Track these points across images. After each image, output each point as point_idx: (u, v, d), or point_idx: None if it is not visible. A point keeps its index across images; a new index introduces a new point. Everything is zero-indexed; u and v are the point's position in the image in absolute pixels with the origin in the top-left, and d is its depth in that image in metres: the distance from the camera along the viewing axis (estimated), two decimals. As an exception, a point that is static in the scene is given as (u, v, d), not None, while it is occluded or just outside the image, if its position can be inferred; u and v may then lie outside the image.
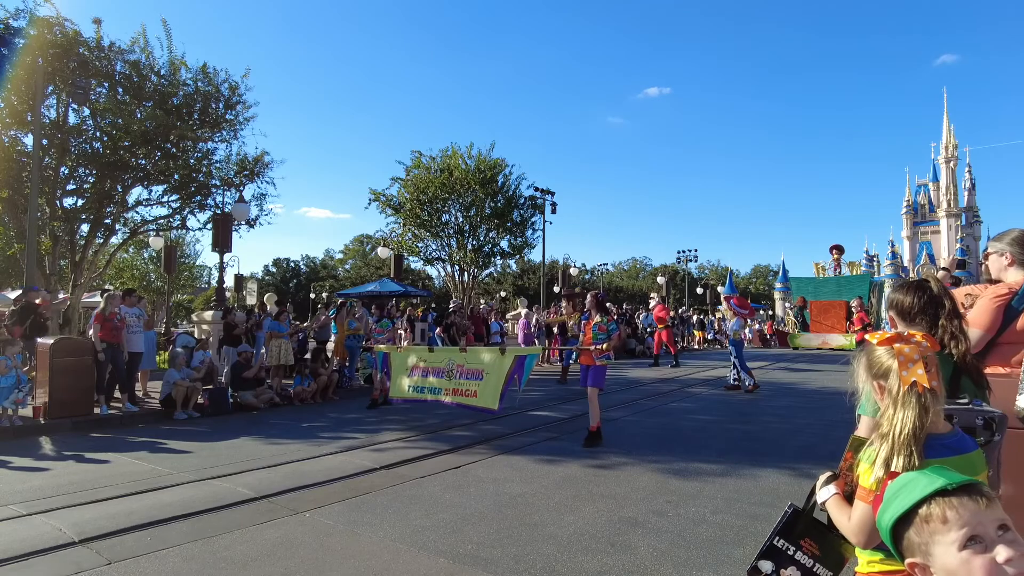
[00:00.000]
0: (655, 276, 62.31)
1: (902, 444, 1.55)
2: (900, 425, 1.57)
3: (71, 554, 4.03)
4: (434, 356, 8.60)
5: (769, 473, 5.99)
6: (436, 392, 8.23)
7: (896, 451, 1.55)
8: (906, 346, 1.65)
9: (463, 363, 8.04)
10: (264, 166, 17.91)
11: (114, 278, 31.87)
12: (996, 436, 1.94)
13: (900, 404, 1.60)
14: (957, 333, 2.09)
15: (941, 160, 58.26)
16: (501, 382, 7.40)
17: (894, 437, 1.57)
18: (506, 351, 7.69)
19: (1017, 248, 2.93)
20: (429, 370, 8.44)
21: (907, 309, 2.15)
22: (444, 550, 4.08)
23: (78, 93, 13.71)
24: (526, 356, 7.52)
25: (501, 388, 7.41)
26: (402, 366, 8.85)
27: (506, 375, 7.38)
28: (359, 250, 72.86)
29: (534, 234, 29.46)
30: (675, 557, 3.96)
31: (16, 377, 8.28)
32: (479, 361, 7.87)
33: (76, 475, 6.09)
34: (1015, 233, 2.96)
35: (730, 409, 9.52)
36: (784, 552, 2.08)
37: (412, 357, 8.84)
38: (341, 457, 6.79)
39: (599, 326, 7.51)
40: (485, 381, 7.61)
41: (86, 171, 15.51)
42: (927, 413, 1.58)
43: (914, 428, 1.56)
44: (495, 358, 7.66)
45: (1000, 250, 3.00)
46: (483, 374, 7.67)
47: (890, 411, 1.61)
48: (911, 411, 1.57)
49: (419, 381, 8.53)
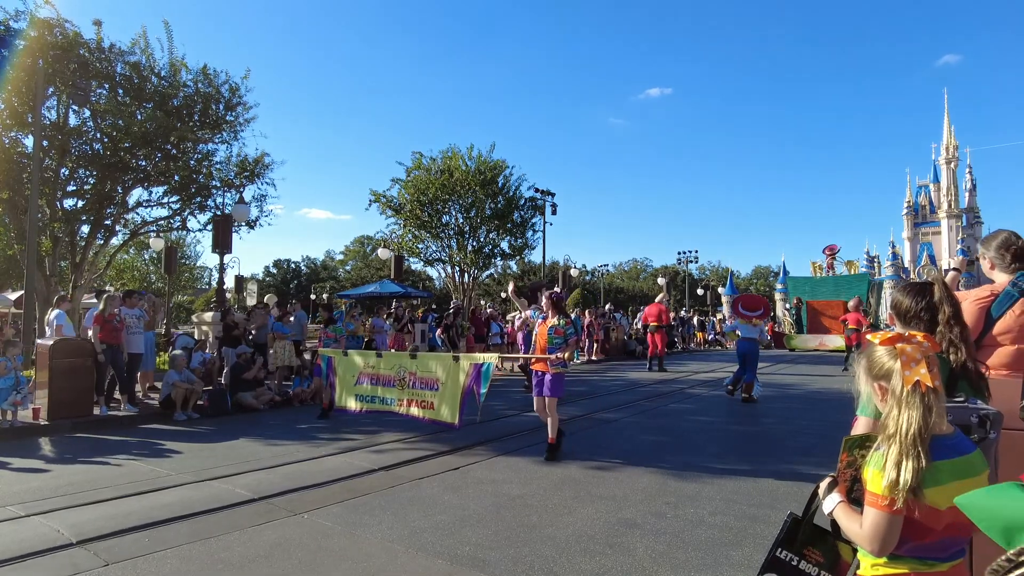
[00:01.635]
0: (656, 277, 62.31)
1: (910, 445, 1.54)
2: (906, 425, 1.56)
3: (69, 555, 4.02)
4: (383, 362, 7.88)
5: (768, 475, 5.98)
6: (389, 402, 7.61)
7: (905, 453, 1.54)
8: (908, 346, 1.64)
9: (415, 371, 7.41)
10: (264, 167, 17.90)
11: (115, 279, 31.89)
12: (991, 434, 1.93)
13: (904, 404, 1.59)
14: (956, 341, 2.07)
15: (942, 161, 58.28)
16: (459, 394, 6.83)
17: (901, 438, 1.56)
18: (459, 359, 7.05)
19: (995, 253, 2.94)
20: (379, 377, 7.79)
21: (904, 311, 2.14)
22: (442, 551, 4.07)
23: (79, 94, 13.72)
24: (482, 364, 6.79)
25: (459, 400, 6.82)
26: (349, 372, 8.18)
27: (463, 386, 6.79)
28: (360, 251, 72.90)
29: (534, 235, 29.44)
30: (673, 559, 3.95)
31: (15, 378, 8.28)
32: (431, 370, 7.22)
33: (75, 476, 6.09)
34: (1000, 237, 2.97)
35: (730, 411, 9.51)
36: (788, 564, 2.04)
37: (359, 363, 8.17)
38: (340, 458, 6.79)
39: (555, 329, 6.80)
40: (441, 392, 7.03)
41: (86, 172, 15.51)
42: (931, 413, 1.58)
43: (919, 428, 1.55)
44: (449, 367, 7.03)
45: (983, 254, 3.04)
46: (438, 384, 7.07)
47: (894, 412, 1.60)
48: (916, 411, 1.57)
49: (369, 390, 7.89)
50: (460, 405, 6.84)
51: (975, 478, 1.63)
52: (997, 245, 2.94)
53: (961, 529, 1.65)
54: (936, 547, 1.63)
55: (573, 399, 11.52)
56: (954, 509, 1.60)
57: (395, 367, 7.66)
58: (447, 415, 6.94)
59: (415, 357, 7.68)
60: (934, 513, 1.57)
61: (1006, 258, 2.90)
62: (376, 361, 8.00)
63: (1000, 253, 2.92)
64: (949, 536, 1.63)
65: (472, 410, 6.91)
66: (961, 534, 1.66)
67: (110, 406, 9.61)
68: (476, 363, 6.84)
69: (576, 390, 12.98)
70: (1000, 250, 2.92)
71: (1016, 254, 2.87)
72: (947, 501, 1.58)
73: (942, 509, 1.58)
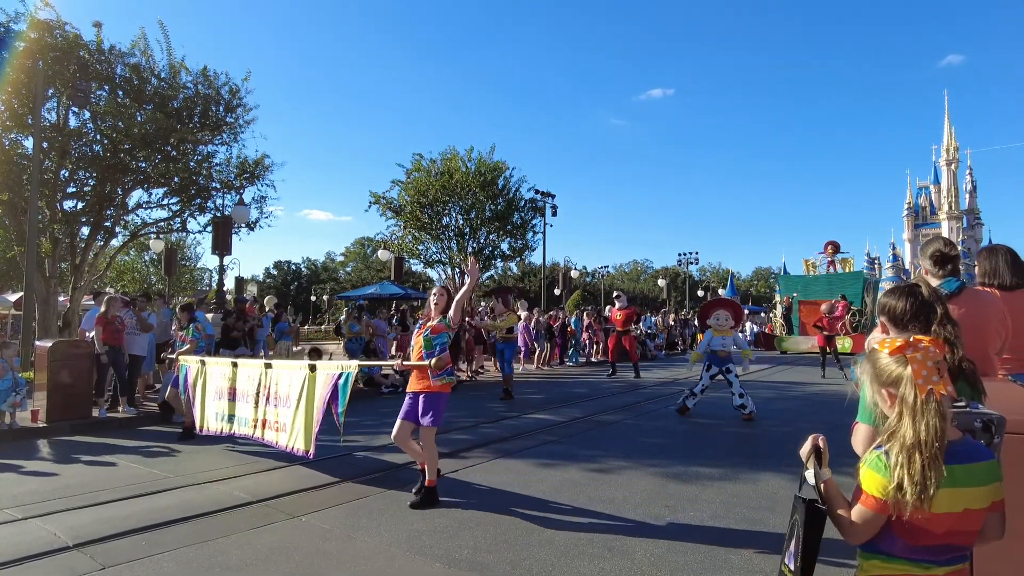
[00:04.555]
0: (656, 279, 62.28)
1: (929, 453, 1.53)
2: (924, 434, 1.55)
3: (66, 559, 4.01)
4: (241, 373, 6.67)
5: (768, 477, 5.96)
6: (244, 423, 6.49)
7: (924, 460, 1.53)
8: (918, 353, 1.63)
9: (270, 384, 6.24)
10: (264, 169, 17.91)
11: (115, 281, 31.89)
12: (996, 438, 1.92)
13: (920, 413, 1.57)
14: (952, 339, 2.06)
15: (942, 162, 58.33)
16: (314, 413, 5.63)
17: (916, 446, 1.55)
18: (316, 369, 5.79)
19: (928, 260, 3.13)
20: (235, 392, 6.65)
21: (899, 315, 2.12)
22: (440, 555, 4.05)
23: (78, 96, 13.73)
24: (340, 375, 5.53)
25: (315, 421, 5.60)
26: (208, 385, 7.07)
27: (318, 403, 5.61)
28: (360, 252, 72.86)
29: (535, 237, 29.45)
30: (673, 562, 3.93)
31: (13, 380, 8.26)
32: (288, 381, 6.04)
33: (73, 479, 6.07)
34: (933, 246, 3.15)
35: (729, 413, 9.48)
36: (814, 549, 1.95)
37: (217, 374, 7.00)
38: (338, 460, 6.76)
39: (433, 328, 5.32)
40: (296, 411, 5.81)
41: (86, 174, 15.52)
42: (945, 420, 1.58)
43: (938, 436, 1.55)
44: (305, 379, 5.81)
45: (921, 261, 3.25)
46: (293, 400, 5.88)
47: (907, 420, 1.59)
48: (932, 419, 1.56)
49: (227, 407, 6.70)
50: (315, 428, 5.61)
51: (981, 488, 1.61)
52: (930, 254, 3.14)
53: (963, 537, 1.64)
54: (933, 551, 1.62)
55: (573, 401, 11.51)
56: (958, 515, 1.58)
57: (251, 379, 6.47)
58: (300, 441, 5.71)
59: (271, 367, 6.39)
60: (935, 518, 1.56)
61: (935, 265, 3.10)
62: (232, 372, 6.76)
63: (932, 260, 3.12)
64: (949, 543, 1.62)
65: (332, 430, 5.76)
66: (963, 542, 1.65)
67: (110, 408, 9.60)
68: (333, 374, 5.58)
69: (576, 392, 12.97)
70: (931, 258, 3.12)
71: (936, 259, 3.08)
72: (949, 506, 1.57)
73: (941, 514, 1.57)
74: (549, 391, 13.20)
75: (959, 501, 1.58)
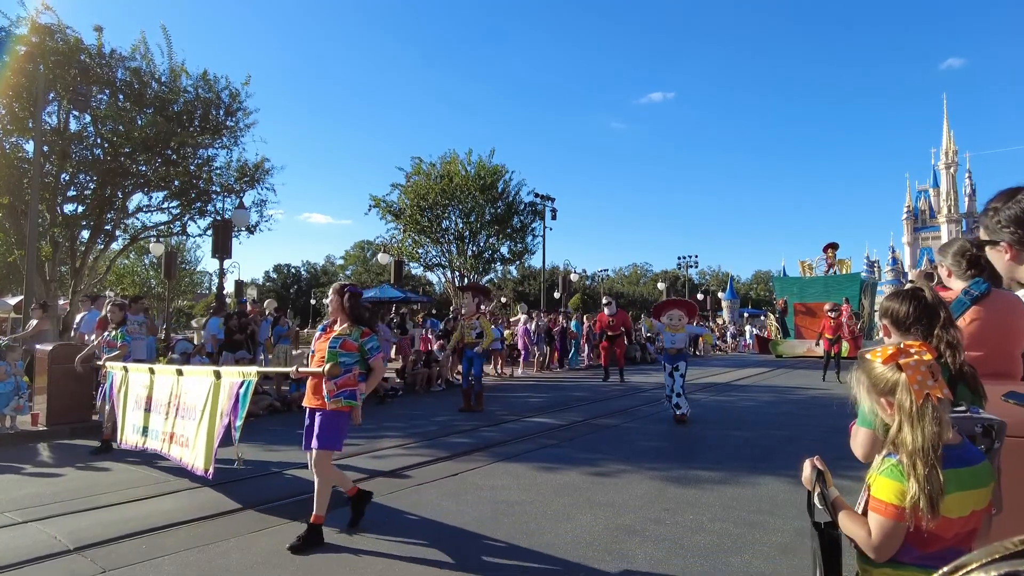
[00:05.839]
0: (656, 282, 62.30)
1: (927, 459, 1.55)
2: (922, 439, 1.56)
3: (66, 562, 4.01)
4: (157, 380, 6.04)
5: (767, 480, 5.97)
6: (155, 436, 5.85)
7: (925, 465, 1.55)
8: (910, 359, 1.64)
9: (181, 393, 5.60)
10: (264, 172, 17.97)
11: (115, 284, 31.90)
12: (996, 443, 1.93)
13: (917, 418, 1.59)
14: (953, 343, 2.07)
15: (941, 166, 58.42)
16: (216, 426, 5.01)
17: (917, 452, 1.56)
18: (221, 375, 5.17)
19: (952, 260, 3.00)
20: (151, 401, 6.04)
21: (902, 319, 2.13)
22: (440, 559, 4.06)
23: (79, 100, 13.79)
24: (241, 383, 4.91)
25: (215, 436, 4.98)
26: (129, 394, 6.47)
27: (220, 415, 5.00)
28: (360, 256, 72.84)
29: (534, 240, 29.52)
30: (672, 565, 3.94)
31: (15, 383, 8.27)
32: (195, 390, 5.41)
33: (73, 482, 6.08)
34: (956, 245, 3.04)
35: (729, 416, 9.50)
36: None
37: (136, 382, 6.40)
38: (338, 464, 6.76)
39: (346, 342, 4.57)
40: (199, 424, 5.22)
41: (87, 177, 15.56)
42: (943, 424, 1.59)
43: (934, 441, 1.56)
44: (211, 386, 5.20)
45: (940, 262, 3.11)
46: (197, 412, 5.29)
47: (906, 427, 1.60)
48: (929, 424, 1.57)
49: (142, 418, 6.10)
50: (215, 442, 4.98)
51: (983, 489, 1.64)
52: (954, 253, 3.01)
53: (966, 539, 1.66)
54: (940, 556, 1.64)
55: (573, 404, 11.51)
56: (961, 519, 1.60)
57: (164, 388, 5.85)
58: (200, 459, 5.09)
59: (181, 374, 5.80)
60: (944, 523, 1.58)
61: (962, 264, 2.95)
62: (150, 379, 6.14)
63: (956, 260, 2.98)
64: (954, 546, 1.64)
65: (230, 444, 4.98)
66: (964, 544, 1.67)
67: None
68: (236, 382, 4.97)
69: (576, 395, 12.97)
70: (956, 257, 2.98)
71: (971, 261, 2.92)
72: (956, 510, 1.58)
73: (952, 518, 1.59)
74: (549, 394, 13.20)
75: (968, 504, 1.61)
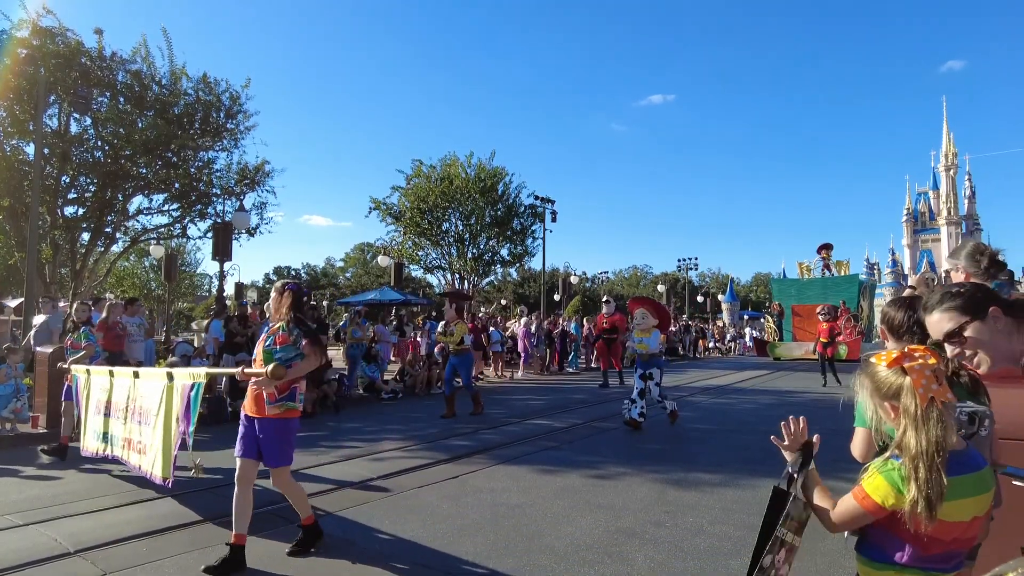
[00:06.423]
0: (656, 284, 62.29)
1: (931, 463, 1.55)
2: (926, 443, 1.57)
3: (66, 565, 4.02)
4: (116, 383, 5.75)
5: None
6: (116, 443, 5.62)
7: (928, 469, 1.55)
8: (915, 363, 1.64)
9: (137, 396, 5.30)
10: (264, 175, 18.01)
11: (115, 286, 31.90)
12: (982, 430, 1.93)
13: (922, 422, 1.59)
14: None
15: (941, 168, 58.50)
16: (172, 432, 4.72)
17: (920, 455, 1.57)
18: (174, 377, 4.86)
19: (968, 261, 2.94)
20: (111, 406, 5.78)
21: (897, 326, 2.16)
22: (440, 562, 4.06)
23: (80, 103, 13.79)
24: (192, 385, 4.65)
25: (173, 441, 4.70)
26: (91, 399, 6.22)
27: (176, 419, 4.71)
28: (360, 258, 72.84)
29: (534, 242, 29.54)
30: (672, 568, 3.94)
31: (15, 386, 8.27)
32: (150, 393, 5.11)
33: (73, 485, 6.08)
34: (969, 246, 2.99)
35: (729, 418, 9.50)
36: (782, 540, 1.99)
37: (96, 385, 6.13)
38: (339, 466, 6.77)
39: (278, 336, 4.31)
40: (155, 428, 4.93)
41: (87, 180, 15.60)
42: (948, 429, 1.59)
43: (940, 445, 1.56)
44: (164, 388, 4.89)
45: (955, 265, 3.03)
46: (152, 415, 5.01)
47: (911, 431, 1.60)
48: (935, 428, 1.57)
49: (102, 424, 5.88)
50: (173, 449, 4.70)
51: (986, 494, 1.65)
52: (968, 254, 2.94)
53: (967, 542, 1.67)
54: (940, 558, 1.65)
55: (573, 406, 11.51)
56: (962, 524, 1.61)
57: (122, 390, 5.58)
58: (158, 465, 4.83)
59: (138, 376, 5.47)
60: (945, 526, 1.59)
61: (981, 263, 2.88)
62: (110, 383, 5.85)
63: (974, 260, 2.90)
64: (955, 549, 1.66)
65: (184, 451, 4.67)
66: (966, 547, 1.69)
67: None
68: (187, 384, 4.70)
69: (576, 398, 12.97)
70: (973, 257, 2.91)
71: (992, 259, 2.87)
72: (958, 515, 1.59)
73: (953, 522, 1.59)
74: (549, 397, 13.20)
75: (971, 510, 1.61)
